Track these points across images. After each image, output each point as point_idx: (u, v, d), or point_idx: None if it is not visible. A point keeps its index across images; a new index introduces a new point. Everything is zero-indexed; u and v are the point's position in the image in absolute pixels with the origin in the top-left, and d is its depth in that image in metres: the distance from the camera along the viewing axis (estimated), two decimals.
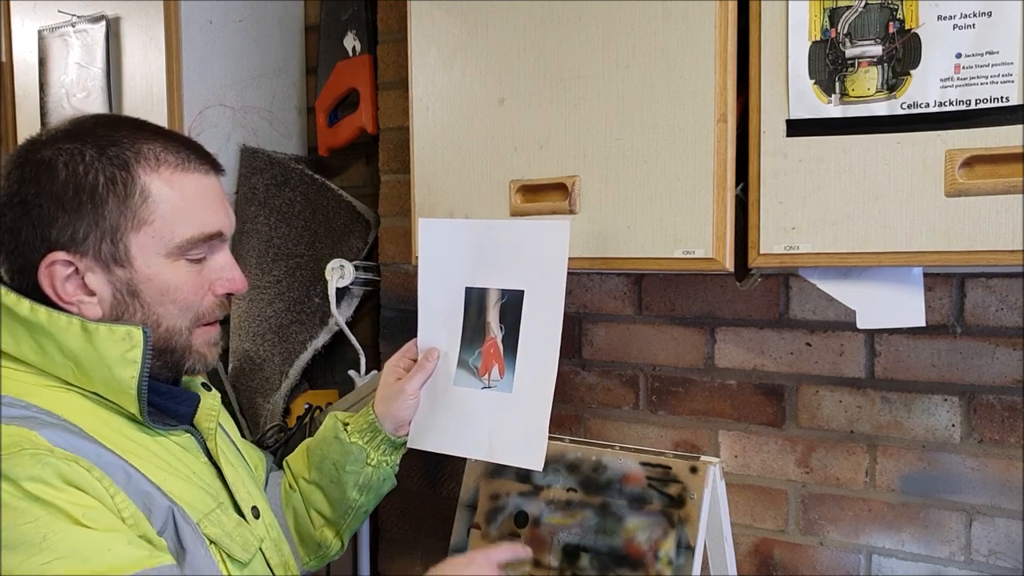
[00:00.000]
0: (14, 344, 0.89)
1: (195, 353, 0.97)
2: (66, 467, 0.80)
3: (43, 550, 0.76)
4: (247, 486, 1.03)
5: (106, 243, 0.89)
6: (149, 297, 0.92)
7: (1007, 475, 1.26)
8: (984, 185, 1.00)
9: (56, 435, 0.83)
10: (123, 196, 0.89)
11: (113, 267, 0.90)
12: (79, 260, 0.89)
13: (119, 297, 0.91)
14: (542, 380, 1.15)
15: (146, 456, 0.91)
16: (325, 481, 1.21)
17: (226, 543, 0.93)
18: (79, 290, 0.90)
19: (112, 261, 0.90)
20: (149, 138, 0.93)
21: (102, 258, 0.90)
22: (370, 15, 1.76)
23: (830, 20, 1.07)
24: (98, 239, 0.89)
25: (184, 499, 0.91)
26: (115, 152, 0.90)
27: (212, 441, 1.00)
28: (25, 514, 0.77)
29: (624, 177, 1.20)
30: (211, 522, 0.93)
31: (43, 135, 0.92)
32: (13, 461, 0.79)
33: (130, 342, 0.88)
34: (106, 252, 0.89)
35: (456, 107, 1.35)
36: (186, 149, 0.95)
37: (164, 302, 0.93)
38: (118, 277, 0.91)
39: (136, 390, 0.89)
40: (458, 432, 1.16)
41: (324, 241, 1.83)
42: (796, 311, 1.39)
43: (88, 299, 0.90)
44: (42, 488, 0.78)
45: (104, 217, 0.89)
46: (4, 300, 0.89)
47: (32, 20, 1.96)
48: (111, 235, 0.89)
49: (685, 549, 1.23)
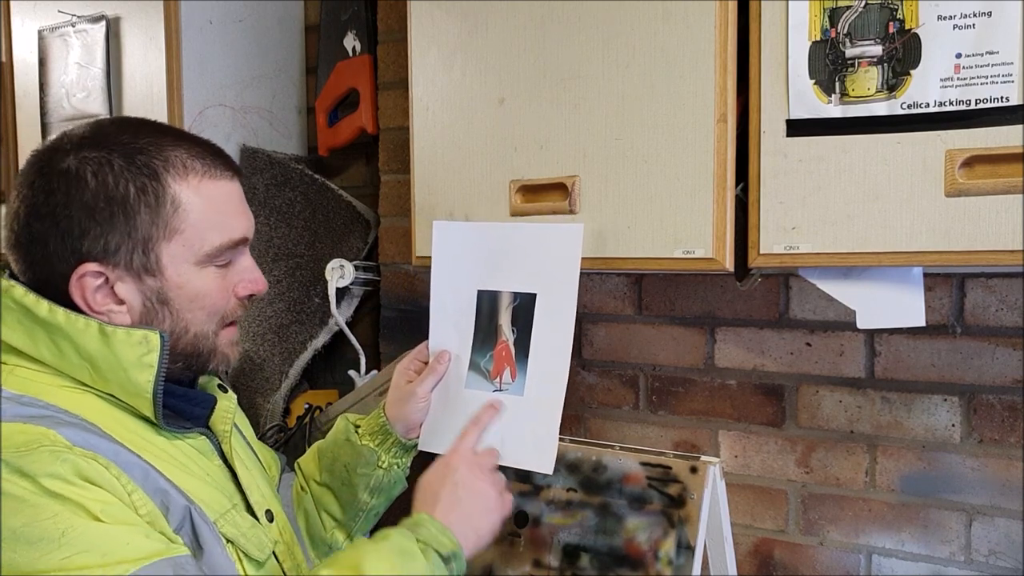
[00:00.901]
0: (32, 344, 0.89)
1: (220, 354, 0.98)
2: (85, 464, 0.81)
3: (62, 545, 0.76)
4: (261, 489, 1.03)
5: (138, 253, 0.89)
6: (179, 304, 0.92)
7: (1007, 475, 1.26)
8: (984, 185, 1.00)
9: (74, 433, 0.83)
10: (155, 206, 0.89)
11: (144, 276, 0.90)
12: (110, 271, 0.89)
13: (148, 305, 0.91)
14: (554, 384, 1.15)
15: (162, 456, 0.91)
16: (336, 483, 1.21)
17: (242, 543, 0.93)
18: (108, 299, 0.90)
19: (143, 271, 0.90)
20: (173, 144, 0.92)
21: (133, 268, 0.90)
22: (370, 15, 1.76)
23: (830, 20, 1.07)
24: (130, 250, 0.89)
25: (201, 498, 0.91)
26: (143, 160, 0.89)
27: (227, 444, 1.00)
28: (44, 510, 0.78)
29: (624, 177, 1.20)
30: (227, 522, 0.93)
31: (65, 142, 0.91)
32: (32, 458, 0.79)
33: (147, 346, 0.89)
34: (137, 262, 0.89)
35: (456, 107, 1.35)
36: (211, 155, 0.95)
37: (193, 308, 0.93)
38: (148, 286, 0.91)
39: (152, 394, 0.89)
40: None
41: (324, 241, 1.83)
42: (796, 311, 1.39)
43: (117, 308, 0.90)
44: (60, 484, 0.79)
45: (136, 228, 0.89)
46: (24, 300, 0.89)
47: (32, 20, 1.96)
48: (143, 245, 0.89)
49: (685, 549, 1.23)
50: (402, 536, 0.93)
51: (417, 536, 0.93)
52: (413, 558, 0.91)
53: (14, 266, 0.93)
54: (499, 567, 1.39)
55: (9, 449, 0.80)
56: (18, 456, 0.79)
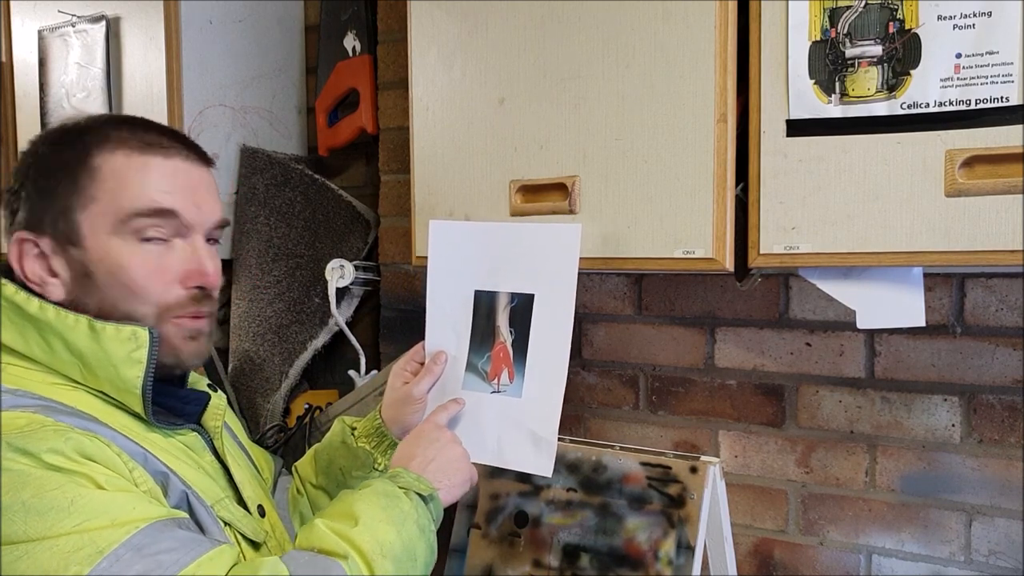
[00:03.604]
0: (23, 342, 0.90)
1: (167, 346, 0.93)
2: (87, 441, 0.82)
3: (72, 513, 0.77)
4: (252, 486, 1.04)
5: (61, 221, 0.91)
6: (100, 279, 0.91)
7: (1007, 475, 1.26)
8: (984, 185, 1.00)
9: (73, 420, 0.84)
10: (74, 175, 0.91)
11: (68, 247, 0.91)
12: (41, 240, 0.91)
13: (77, 279, 0.92)
14: (552, 385, 1.14)
15: (157, 447, 0.92)
16: (332, 486, 1.21)
17: (239, 526, 0.94)
18: (43, 271, 0.92)
19: (67, 241, 0.91)
20: (121, 125, 0.95)
21: (59, 238, 0.91)
22: (370, 15, 1.76)
23: (830, 20, 1.07)
24: (54, 218, 0.91)
25: (198, 485, 0.92)
26: (79, 136, 0.93)
27: (219, 440, 1.00)
28: (49, 481, 0.78)
29: (624, 177, 1.20)
30: (223, 507, 0.94)
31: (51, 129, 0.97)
32: (36, 436, 0.80)
33: (135, 342, 0.89)
34: (61, 230, 0.91)
35: (456, 107, 1.35)
36: (164, 136, 0.95)
37: (115, 284, 0.91)
38: (73, 257, 0.92)
39: (141, 390, 0.89)
40: (466, 437, 1.15)
41: (324, 241, 1.83)
42: (796, 311, 1.39)
43: (51, 280, 0.92)
44: (61, 459, 0.80)
45: (59, 196, 0.91)
46: (14, 298, 0.90)
47: (32, 20, 1.96)
48: (64, 214, 0.91)
49: (685, 549, 1.23)
50: (383, 483, 0.96)
51: (397, 483, 0.97)
52: (398, 499, 0.94)
53: None
54: (499, 567, 1.39)
55: (11, 431, 0.80)
56: (19, 436, 0.80)
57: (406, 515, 0.92)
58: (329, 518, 0.90)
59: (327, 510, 0.95)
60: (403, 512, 0.92)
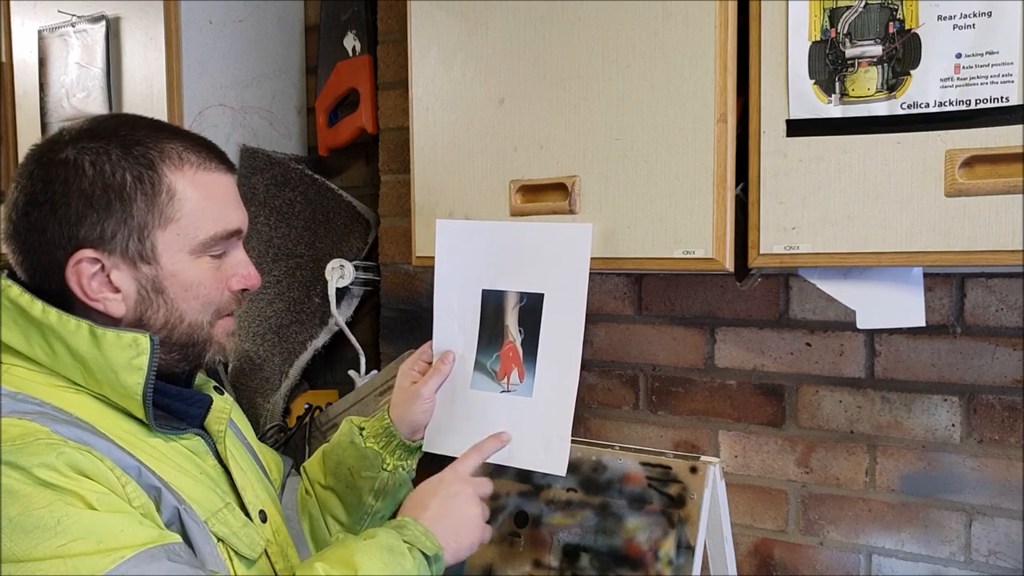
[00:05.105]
0: (26, 344, 0.90)
1: (215, 344, 0.99)
2: (79, 456, 0.81)
3: (58, 533, 0.77)
4: (255, 490, 1.03)
5: (133, 241, 0.90)
6: (173, 293, 0.93)
7: (1007, 475, 1.26)
8: (984, 185, 1.00)
9: (68, 430, 0.84)
10: (151, 194, 0.90)
11: (139, 264, 0.91)
12: (106, 257, 0.90)
13: (144, 294, 0.92)
14: (564, 385, 1.14)
15: (155, 455, 0.91)
16: (341, 486, 1.20)
17: (233, 541, 0.94)
18: (104, 287, 0.91)
19: (139, 258, 0.91)
20: (170, 138, 0.94)
21: (129, 255, 0.91)
22: (370, 15, 1.76)
23: (830, 20, 1.07)
24: (126, 237, 0.90)
25: (193, 497, 0.91)
26: (140, 151, 0.91)
27: (222, 444, 1.00)
28: (37, 499, 0.78)
29: (624, 177, 1.20)
30: (218, 520, 0.93)
31: (64, 135, 0.93)
32: (28, 450, 0.80)
33: (136, 349, 0.89)
34: (133, 249, 0.91)
35: (456, 107, 1.35)
36: (205, 149, 0.96)
37: (188, 298, 0.94)
38: (143, 274, 0.92)
39: (142, 396, 0.90)
40: (476, 436, 1.15)
41: (324, 241, 1.83)
42: (796, 311, 1.39)
43: (113, 296, 0.91)
44: (53, 475, 0.79)
45: (132, 215, 0.90)
46: (19, 301, 0.89)
47: (32, 20, 1.96)
48: (139, 233, 0.90)
49: (685, 549, 1.23)
50: (388, 535, 0.95)
51: (402, 536, 0.95)
52: (402, 556, 0.93)
53: (11, 258, 0.94)
54: (499, 567, 1.39)
55: (5, 442, 0.80)
56: (13, 449, 0.80)
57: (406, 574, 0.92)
58: (328, 563, 0.90)
59: (328, 553, 0.94)
60: (404, 570, 0.92)
